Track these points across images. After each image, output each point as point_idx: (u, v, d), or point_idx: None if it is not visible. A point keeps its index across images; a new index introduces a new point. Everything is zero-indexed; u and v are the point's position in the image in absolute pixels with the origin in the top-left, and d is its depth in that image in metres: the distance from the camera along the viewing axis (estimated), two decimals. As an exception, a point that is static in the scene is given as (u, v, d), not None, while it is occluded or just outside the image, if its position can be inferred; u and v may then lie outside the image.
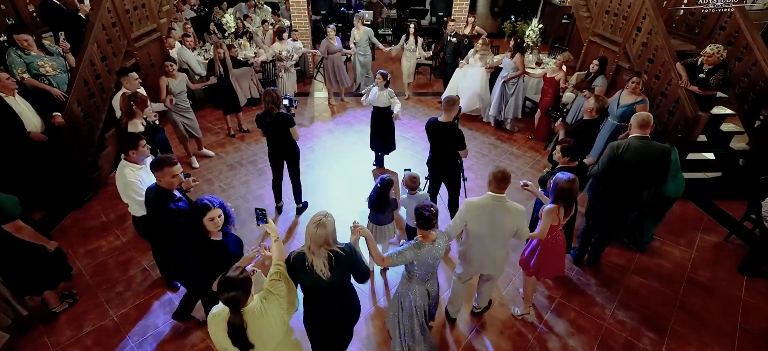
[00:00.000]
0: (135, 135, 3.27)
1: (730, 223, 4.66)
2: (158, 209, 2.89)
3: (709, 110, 4.88)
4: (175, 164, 2.87)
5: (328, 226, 2.22)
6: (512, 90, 6.34)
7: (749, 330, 3.51)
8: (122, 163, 3.20)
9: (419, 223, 2.57)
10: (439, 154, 4.08)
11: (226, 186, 5.29)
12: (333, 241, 2.28)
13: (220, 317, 2.04)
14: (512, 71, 6.18)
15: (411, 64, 7.68)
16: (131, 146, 3.16)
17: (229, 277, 1.98)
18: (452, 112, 3.83)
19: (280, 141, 4.35)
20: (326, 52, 7.21)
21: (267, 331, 2.09)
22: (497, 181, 2.81)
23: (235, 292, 1.95)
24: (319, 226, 2.21)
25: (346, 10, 10.83)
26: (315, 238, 2.21)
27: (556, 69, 6.01)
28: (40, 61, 4.54)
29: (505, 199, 2.85)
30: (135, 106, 3.96)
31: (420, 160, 5.79)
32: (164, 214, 2.87)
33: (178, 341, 3.34)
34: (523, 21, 10.41)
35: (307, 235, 2.24)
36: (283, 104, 4.27)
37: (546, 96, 6.12)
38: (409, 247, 2.60)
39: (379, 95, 5.01)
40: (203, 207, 2.43)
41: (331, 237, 2.25)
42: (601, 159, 3.57)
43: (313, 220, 2.23)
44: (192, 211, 2.47)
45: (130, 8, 5.72)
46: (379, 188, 3.44)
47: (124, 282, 3.83)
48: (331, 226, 2.25)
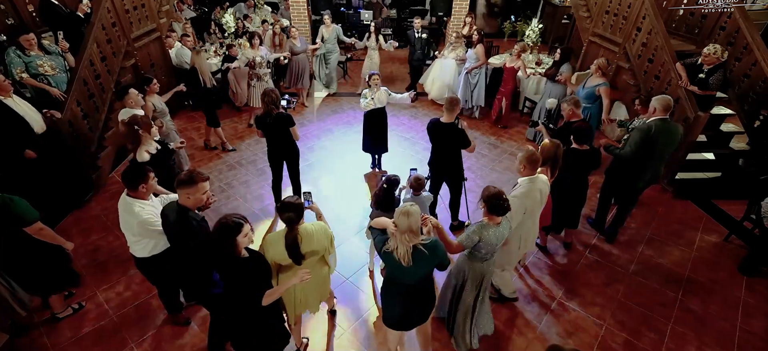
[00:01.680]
0: (142, 166, 2.84)
1: (730, 223, 4.66)
2: (184, 231, 2.58)
3: (708, 110, 4.89)
4: (207, 179, 2.65)
5: (412, 215, 2.31)
6: (476, 79, 6.72)
7: (749, 330, 3.51)
8: (127, 201, 2.74)
9: (490, 209, 2.69)
10: (441, 154, 4.08)
11: (226, 186, 5.28)
12: (417, 232, 2.37)
13: (278, 236, 2.58)
14: (475, 61, 6.56)
15: (374, 63, 7.53)
16: (141, 180, 2.70)
17: (286, 201, 2.55)
18: (454, 113, 3.84)
19: (280, 141, 4.34)
20: (290, 53, 7.03)
21: (311, 248, 2.62)
22: (532, 164, 3.13)
23: (292, 212, 2.50)
24: (405, 214, 2.31)
25: (346, 10, 10.82)
26: (401, 226, 2.33)
27: (514, 58, 6.29)
28: (39, 60, 4.54)
29: (538, 175, 3.22)
30: (140, 130, 3.44)
31: (419, 160, 5.79)
32: (191, 234, 2.58)
33: (178, 341, 3.34)
34: (523, 21, 10.43)
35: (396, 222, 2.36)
36: (282, 104, 4.28)
37: (507, 84, 6.46)
38: (476, 230, 2.74)
39: (378, 96, 5.01)
40: (237, 224, 2.25)
41: (414, 226, 2.33)
42: (631, 141, 3.93)
43: (402, 209, 2.33)
44: (224, 229, 2.24)
45: (130, 8, 5.72)
46: (385, 188, 3.43)
47: (124, 282, 3.82)
48: (415, 215, 2.32)
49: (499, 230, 2.76)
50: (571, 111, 4.15)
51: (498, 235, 2.76)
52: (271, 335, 2.67)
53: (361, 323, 3.55)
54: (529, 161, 3.16)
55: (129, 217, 2.73)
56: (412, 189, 3.61)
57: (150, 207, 2.78)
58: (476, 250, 2.83)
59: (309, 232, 2.62)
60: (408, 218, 2.30)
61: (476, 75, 6.69)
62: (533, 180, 3.20)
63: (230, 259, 2.31)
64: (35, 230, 2.85)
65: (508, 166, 5.75)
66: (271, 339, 2.69)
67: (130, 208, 2.71)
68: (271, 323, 2.65)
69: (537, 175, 3.21)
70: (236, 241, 2.25)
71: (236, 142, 6.27)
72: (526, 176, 3.20)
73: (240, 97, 7.04)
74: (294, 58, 7.07)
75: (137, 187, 2.70)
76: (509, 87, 6.44)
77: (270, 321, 2.63)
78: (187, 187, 2.53)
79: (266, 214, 4.81)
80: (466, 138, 3.89)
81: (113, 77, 5.44)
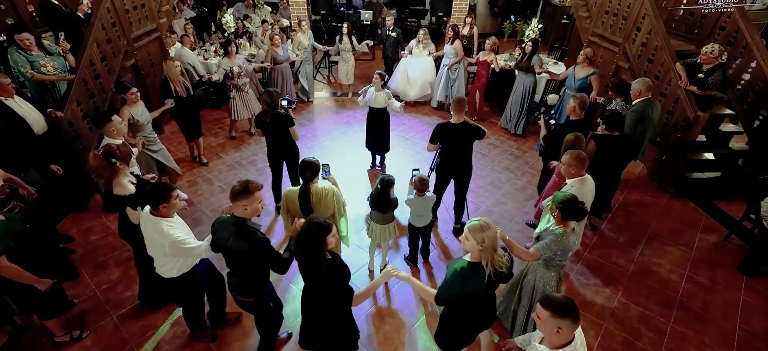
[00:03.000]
0: (165, 186, 2.63)
1: (729, 223, 4.66)
2: (250, 240, 2.45)
3: (708, 110, 4.89)
4: (262, 187, 2.56)
5: (492, 229, 2.22)
6: (455, 74, 6.93)
7: (749, 330, 3.51)
8: (153, 220, 2.59)
9: (567, 215, 2.62)
10: (453, 155, 4.05)
11: (225, 186, 5.28)
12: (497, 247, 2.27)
13: (296, 191, 3.08)
14: (453, 57, 6.79)
15: (348, 66, 7.47)
16: (162, 199, 2.55)
17: (306, 160, 3.05)
18: (463, 112, 3.84)
19: (280, 141, 4.34)
20: (272, 62, 6.63)
21: (320, 207, 3.07)
22: (581, 163, 3.15)
23: (309, 171, 3.01)
24: (483, 229, 2.21)
25: (346, 10, 10.83)
26: (494, 239, 2.22)
27: (487, 52, 6.52)
28: (41, 61, 4.54)
29: (587, 176, 3.25)
30: (118, 163, 3.05)
31: (420, 160, 5.80)
32: (260, 243, 2.49)
33: (178, 341, 3.34)
34: (523, 21, 10.43)
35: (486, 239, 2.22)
36: (282, 104, 4.27)
37: (481, 78, 6.71)
38: (556, 241, 2.66)
39: (376, 96, 5.01)
40: (329, 225, 2.27)
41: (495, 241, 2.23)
42: (628, 123, 4.22)
43: (481, 224, 2.20)
44: (319, 227, 2.25)
45: (130, 8, 5.72)
46: (380, 189, 3.44)
47: (124, 282, 3.82)
48: (494, 229, 2.22)
49: (575, 234, 2.74)
50: (573, 108, 4.14)
51: (575, 240, 2.74)
52: (351, 332, 2.73)
53: (361, 322, 3.55)
54: (578, 161, 3.14)
55: (159, 238, 2.58)
56: (415, 189, 3.61)
57: (177, 225, 2.67)
58: (555, 259, 2.79)
59: (319, 191, 3.05)
60: (488, 232, 2.18)
61: (456, 70, 6.91)
62: (583, 181, 3.20)
63: (318, 259, 2.30)
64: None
65: (508, 166, 5.76)
66: (350, 336, 2.73)
67: (159, 229, 2.57)
68: (350, 319, 2.70)
69: (586, 175, 3.22)
70: (326, 240, 2.28)
71: (236, 143, 6.27)
72: (576, 178, 3.19)
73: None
74: (276, 67, 6.70)
75: (158, 206, 2.56)
76: (482, 81, 6.70)
77: (350, 317, 2.68)
78: (245, 197, 2.44)
79: (266, 213, 4.81)
80: (480, 129, 3.92)
81: (113, 77, 5.43)
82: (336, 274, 2.36)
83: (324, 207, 3.07)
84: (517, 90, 6.32)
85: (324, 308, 2.48)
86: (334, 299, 2.41)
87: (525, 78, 6.17)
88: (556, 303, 1.85)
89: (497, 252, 2.21)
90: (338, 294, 2.39)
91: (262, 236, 2.50)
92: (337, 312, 2.52)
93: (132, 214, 3.02)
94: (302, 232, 2.30)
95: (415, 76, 7.31)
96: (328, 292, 2.38)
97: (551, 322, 1.84)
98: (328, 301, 2.43)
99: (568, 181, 3.25)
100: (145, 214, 2.64)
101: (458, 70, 6.93)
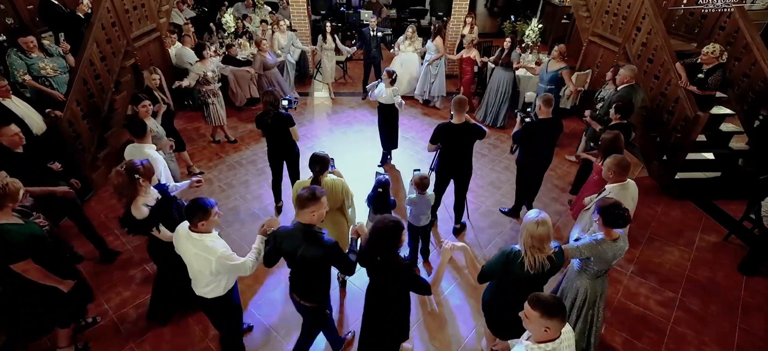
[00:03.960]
0: (202, 203, 2.44)
1: (729, 222, 4.66)
2: (324, 246, 2.44)
3: (708, 110, 4.89)
4: (325, 192, 2.55)
5: (548, 224, 2.29)
6: (436, 70, 7.13)
7: (749, 330, 3.51)
8: (194, 237, 2.45)
9: (608, 222, 2.52)
10: (453, 155, 4.06)
11: (226, 186, 5.28)
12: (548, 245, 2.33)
13: (306, 182, 3.09)
14: (434, 54, 6.99)
15: (331, 64, 7.51)
16: (202, 217, 2.42)
17: (315, 154, 3.09)
18: (463, 112, 3.84)
19: (280, 141, 4.34)
20: (261, 68, 6.46)
21: (333, 198, 3.11)
22: (623, 169, 3.07)
23: (318, 165, 3.07)
24: (542, 224, 2.28)
25: (346, 10, 10.83)
26: (535, 236, 2.28)
27: (468, 49, 6.76)
28: (41, 62, 4.53)
29: (630, 181, 3.16)
30: (141, 179, 2.85)
31: (420, 159, 5.80)
32: (333, 247, 2.48)
33: (178, 341, 3.34)
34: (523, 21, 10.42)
35: (526, 233, 2.31)
36: (283, 105, 4.27)
37: (465, 74, 6.93)
38: (589, 246, 2.60)
39: (384, 92, 5.02)
40: (402, 224, 2.34)
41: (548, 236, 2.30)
42: (627, 110, 4.22)
43: (540, 219, 2.27)
44: (397, 225, 2.32)
45: (130, 8, 5.72)
46: (379, 191, 3.44)
47: (124, 282, 3.82)
48: (550, 223, 2.30)
49: (618, 245, 2.57)
50: (539, 107, 4.04)
51: (615, 251, 2.58)
52: (405, 326, 2.82)
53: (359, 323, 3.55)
54: (619, 167, 3.04)
55: (206, 255, 2.44)
56: (416, 189, 3.61)
57: (218, 237, 2.56)
58: (587, 265, 2.73)
59: (330, 184, 3.12)
60: (544, 227, 2.26)
61: (437, 66, 7.10)
62: (625, 186, 3.08)
63: (392, 256, 2.34)
64: (22, 268, 2.54)
65: (508, 166, 5.75)
66: (406, 329, 2.83)
67: (203, 246, 2.45)
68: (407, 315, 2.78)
69: (628, 181, 3.10)
70: (401, 237, 2.33)
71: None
72: (616, 183, 3.08)
73: (240, 97, 7.04)
74: (265, 73, 6.53)
75: (196, 223, 2.44)
76: (468, 77, 6.96)
77: (408, 312, 2.76)
78: (313, 203, 2.41)
79: (266, 214, 4.81)
80: (481, 129, 3.93)
81: (113, 77, 5.44)
82: (407, 271, 2.42)
83: (334, 198, 3.14)
84: (494, 85, 6.58)
85: (392, 304, 2.55)
86: (404, 294, 2.49)
87: (504, 73, 6.44)
88: (546, 303, 1.88)
89: (541, 251, 2.28)
90: (410, 289, 2.45)
91: (332, 240, 2.49)
92: (405, 307, 2.61)
93: (164, 234, 2.87)
94: (378, 232, 2.29)
95: (401, 73, 7.43)
96: (399, 288, 2.43)
97: (539, 322, 1.88)
98: (398, 297, 2.49)
99: (608, 186, 3.13)
100: (184, 232, 2.49)
101: (439, 67, 7.15)
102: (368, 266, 2.51)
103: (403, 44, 7.38)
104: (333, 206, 3.19)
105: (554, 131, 4.16)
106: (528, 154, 4.26)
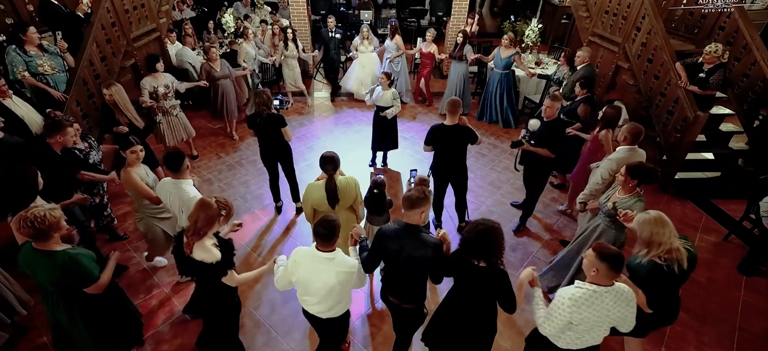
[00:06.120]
0: (334, 222, 2.34)
1: (729, 222, 4.66)
2: (432, 246, 2.42)
3: (708, 110, 4.89)
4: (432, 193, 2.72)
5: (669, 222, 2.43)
6: (398, 67, 7.39)
7: (748, 330, 3.51)
8: (325, 257, 2.33)
9: (641, 178, 2.89)
10: (447, 156, 4.06)
11: (225, 186, 5.28)
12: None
13: (320, 184, 3.16)
14: (395, 51, 7.26)
15: (294, 73, 7.20)
16: (334, 238, 2.35)
17: (325, 154, 3.13)
18: (457, 114, 3.84)
19: (272, 142, 4.33)
20: (209, 78, 5.71)
21: (345, 197, 3.19)
22: (635, 136, 3.48)
23: (330, 165, 3.11)
24: (665, 223, 2.41)
25: (346, 10, 10.82)
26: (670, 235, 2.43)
27: (428, 43, 7.07)
28: (39, 60, 4.53)
29: (638, 149, 3.59)
30: (224, 213, 2.58)
31: (419, 160, 5.80)
32: (440, 247, 2.46)
33: (178, 340, 3.34)
34: (523, 21, 10.42)
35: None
36: (274, 104, 4.27)
37: (425, 68, 7.32)
38: (637, 205, 2.89)
39: (383, 95, 5.02)
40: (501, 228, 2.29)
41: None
42: (590, 84, 4.78)
43: (661, 218, 2.42)
44: (498, 231, 2.23)
45: (130, 8, 5.72)
46: (376, 193, 3.43)
47: (124, 282, 3.81)
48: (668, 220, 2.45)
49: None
50: (548, 107, 4.02)
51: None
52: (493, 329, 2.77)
53: (359, 323, 3.55)
54: (632, 133, 3.48)
55: (344, 277, 2.35)
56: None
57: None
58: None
59: (343, 183, 3.18)
60: (653, 225, 2.41)
61: (398, 63, 7.38)
62: (634, 150, 3.47)
63: (495, 263, 2.26)
64: (97, 288, 2.50)
65: (508, 166, 5.75)
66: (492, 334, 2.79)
67: (329, 264, 2.32)
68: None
69: (636, 148, 3.50)
70: (503, 242, 2.29)
71: (236, 142, 6.26)
72: (627, 146, 3.49)
73: (241, 97, 7.02)
74: (219, 84, 5.86)
75: (333, 245, 2.35)
76: (427, 70, 7.33)
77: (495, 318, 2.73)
78: (424, 204, 2.40)
79: (266, 214, 4.81)
80: (473, 133, 3.92)
81: (113, 77, 5.43)
82: (504, 277, 2.28)
83: (348, 197, 3.22)
84: (452, 77, 6.92)
85: (482, 312, 2.42)
86: (492, 303, 2.38)
87: (458, 66, 6.82)
88: (611, 255, 2.12)
89: (668, 250, 2.37)
90: (499, 298, 2.34)
91: (438, 240, 2.44)
92: (493, 316, 2.48)
93: (235, 277, 2.58)
94: (481, 235, 2.18)
95: (363, 74, 7.57)
96: (491, 295, 2.33)
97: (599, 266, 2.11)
98: (487, 305, 2.39)
99: (619, 148, 3.55)
100: (309, 254, 2.36)
101: (401, 63, 7.41)
102: (460, 272, 2.38)
103: (362, 45, 7.44)
104: (346, 204, 3.26)
105: (558, 132, 4.07)
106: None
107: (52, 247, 2.34)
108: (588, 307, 2.11)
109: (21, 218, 2.24)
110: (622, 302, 2.17)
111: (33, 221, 2.22)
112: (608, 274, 2.11)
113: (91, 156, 3.76)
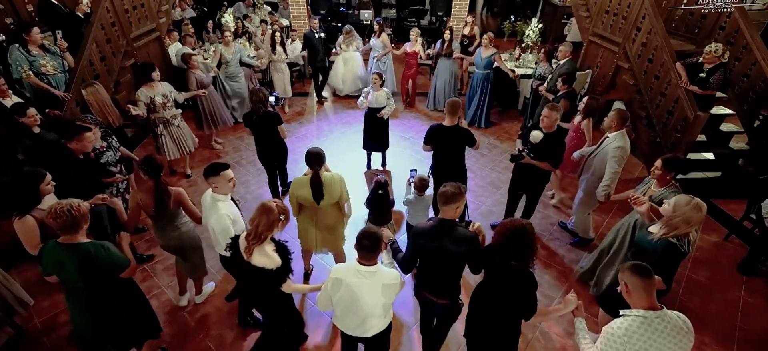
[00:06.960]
0: (376, 234, 2.28)
1: (729, 222, 4.66)
2: (470, 240, 2.46)
3: (708, 110, 4.88)
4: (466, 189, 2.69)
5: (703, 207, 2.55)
6: (385, 66, 7.43)
7: (748, 330, 3.51)
8: (362, 270, 2.27)
9: (676, 168, 3.01)
10: (445, 157, 4.06)
11: (225, 186, 5.27)
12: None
13: (305, 180, 3.16)
14: (382, 50, 7.32)
15: (284, 77, 6.91)
16: (377, 251, 2.30)
17: (311, 151, 3.14)
18: (456, 115, 3.84)
19: (268, 140, 4.34)
20: (197, 87, 5.38)
21: (330, 193, 3.19)
22: (622, 120, 3.65)
23: (316, 165, 3.13)
24: (700, 209, 2.54)
25: (346, 10, 10.82)
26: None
27: (413, 43, 7.14)
28: (41, 60, 4.53)
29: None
30: (283, 217, 2.48)
31: (419, 160, 5.80)
32: (477, 241, 2.49)
33: (178, 341, 3.34)
34: (523, 21, 10.42)
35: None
36: (270, 102, 4.27)
37: (412, 67, 7.28)
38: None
39: (377, 96, 5.02)
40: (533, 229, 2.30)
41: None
42: (571, 79, 4.92)
43: (697, 204, 2.54)
44: (530, 233, 2.19)
45: (130, 8, 5.72)
46: (379, 194, 3.43)
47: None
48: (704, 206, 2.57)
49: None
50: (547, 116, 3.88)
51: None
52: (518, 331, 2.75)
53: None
54: (619, 118, 3.62)
55: (389, 290, 2.32)
56: (415, 189, 3.60)
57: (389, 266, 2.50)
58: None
59: (328, 179, 3.18)
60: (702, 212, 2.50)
61: (385, 62, 7.41)
62: (623, 134, 3.63)
63: (527, 265, 2.25)
64: (130, 272, 2.57)
65: (508, 166, 5.72)
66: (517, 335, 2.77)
67: (373, 277, 2.26)
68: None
69: (623, 130, 3.65)
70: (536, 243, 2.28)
71: (236, 142, 6.25)
72: (616, 131, 3.63)
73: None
74: (206, 92, 5.53)
75: (375, 257, 2.27)
76: (413, 70, 7.32)
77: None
78: (460, 199, 2.44)
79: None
80: (471, 136, 3.90)
81: (113, 77, 5.43)
82: (531, 280, 2.25)
83: (333, 193, 3.22)
84: (442, 73, 7.07)
85: (512, 316, 2.39)
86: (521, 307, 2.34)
87: (448, 63, 6.98)
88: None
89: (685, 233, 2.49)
90: (522, 300, 2.30)
91: (474, 233, 2.46)
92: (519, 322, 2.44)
93: (294, 285, 2.56)
94: (515, 235, 2.14)
95: (344, 72, 7.65)
96: (519, 300, 2.30)
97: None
98: (516, 309, 2.35)
99: (610, 134, 3.67)
100: (352, 269, 2.28)
101: (387, 62, 7.45)
102: (494, 269, 2.37)
103: (343, 45, 7.49)
104: (331, 200, 3.23)
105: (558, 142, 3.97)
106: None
107: (80, 239, 2.35)
108: (643, 338, 1.87)
109: (57, 207, 2.24)
110: (678, 334, 1.89)
111: (70, 209, 2.24)
112: (640, 284, 1.94)
113: (104, 156, 3.69)
